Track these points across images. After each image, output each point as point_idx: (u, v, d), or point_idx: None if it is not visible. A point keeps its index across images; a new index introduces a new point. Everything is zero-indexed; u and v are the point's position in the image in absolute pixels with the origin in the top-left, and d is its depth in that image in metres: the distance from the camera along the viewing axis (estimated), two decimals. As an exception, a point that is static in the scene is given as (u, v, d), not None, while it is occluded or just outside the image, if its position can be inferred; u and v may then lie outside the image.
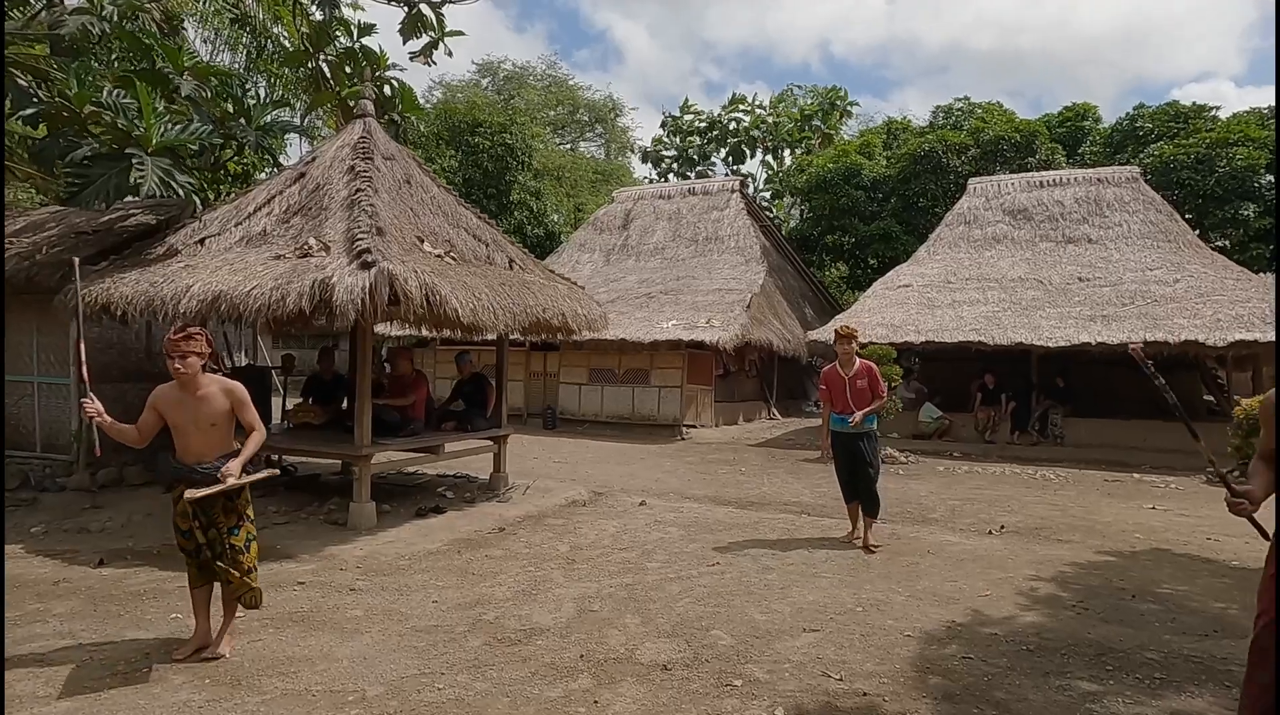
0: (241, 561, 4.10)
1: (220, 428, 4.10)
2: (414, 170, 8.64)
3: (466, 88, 39.18)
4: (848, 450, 6.81)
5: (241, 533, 4.13)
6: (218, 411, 4.06)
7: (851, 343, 6.85)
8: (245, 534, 4.15)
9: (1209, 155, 20.66)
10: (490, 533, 7.09)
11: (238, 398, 4.09)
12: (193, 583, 4.18)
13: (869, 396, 6.74)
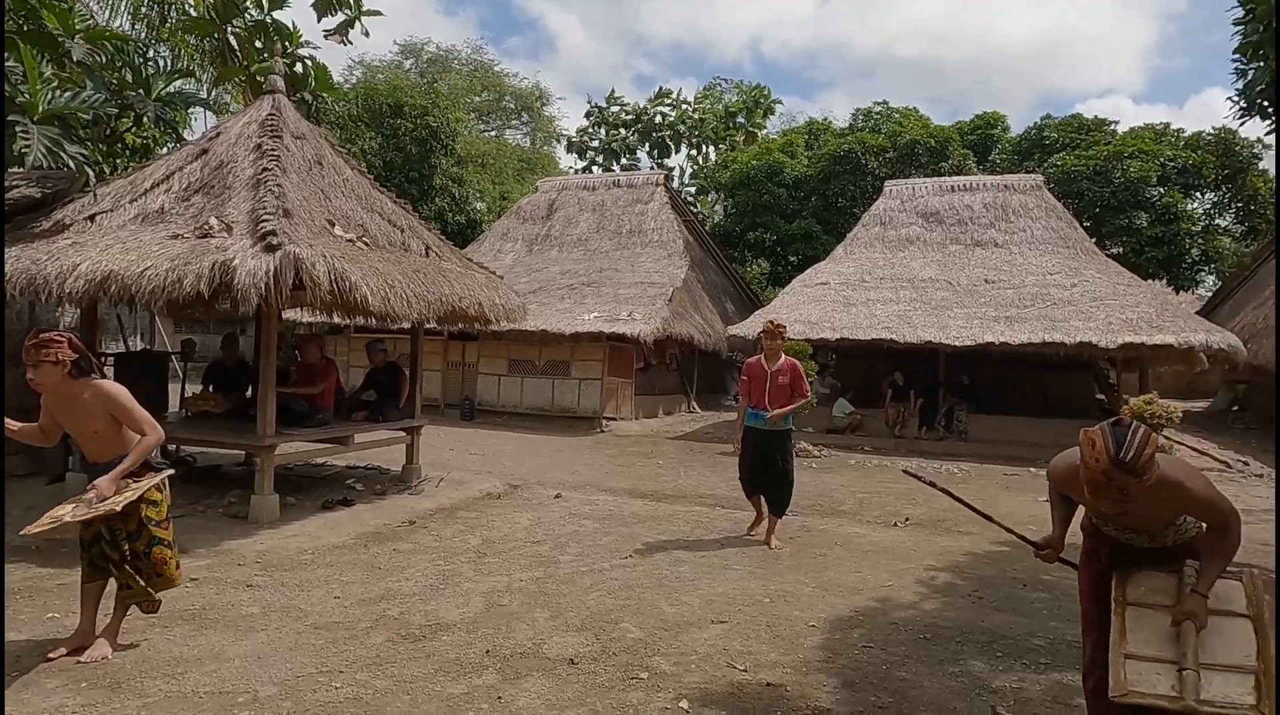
0: (142, 568, 3.88)
1: (104, 433, 3.85)
2: (326, 151, 8.33)
3: (388, 69, 38.08)
4: (760, 448, 6.70)
5: (143, 538, 3.90)
6: (95, 418, 3.81)
7: (778, 339, 6.76)
8: (148, 539, 3.91)
9: (1106, 167, 21.81)
10: (400, 526, 6.92)
11: (116, 405, 3.80)
12: (85, 578, 3.94)
13: (788, 394, 6.65)
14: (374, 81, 33.52)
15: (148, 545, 3.91)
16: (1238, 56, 7.48)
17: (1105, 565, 2.99)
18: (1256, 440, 15.86)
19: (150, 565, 3.90)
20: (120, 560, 3.85)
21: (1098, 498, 2.54)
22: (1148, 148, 22.29)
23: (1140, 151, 22.08)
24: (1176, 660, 2.60)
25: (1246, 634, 2.64)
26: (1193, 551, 2.87)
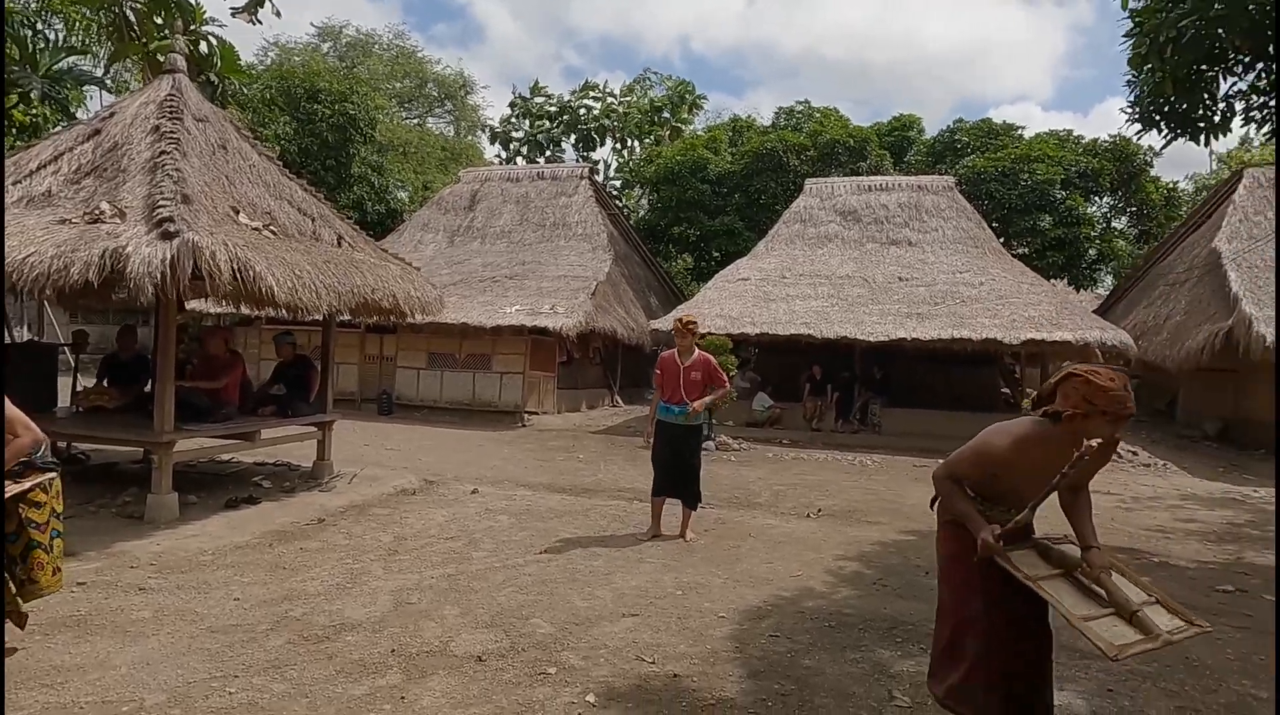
0: (15, 573, 3.65)
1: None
2: (232, 135, 8.00)
3: (305, 51, 36.83)
4: (671, 442, 6.69)
5: (21, 540, 3.67)
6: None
7: (689, 336, 6.75)
8: (26, 541, 3.69)
9: (1013, 170, 22.77)
10: (308, 524, 6.72)
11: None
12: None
13: (700, 388, 6.65)
14: (290, 64, 32.37)
15: (25, 549, 3.70)
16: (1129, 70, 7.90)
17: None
18: (1145, 431, 16.83)
19: (25, 569, 3.69)
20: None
21: (1116, 424, 2.72)
22: (1052, 153, 23.38)
23: (1045, 156, 23.13)
24: (1115, 610, 2.80)
25: (1120, 579, 2.93)
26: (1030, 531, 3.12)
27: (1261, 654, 4.44)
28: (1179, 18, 6.59)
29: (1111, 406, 2.70)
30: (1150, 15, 7.02)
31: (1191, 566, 6.50)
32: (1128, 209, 25.39)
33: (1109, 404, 2.69)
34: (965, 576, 3.08)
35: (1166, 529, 8.04)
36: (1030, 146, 24.09)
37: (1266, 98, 7.61)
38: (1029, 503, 2.98)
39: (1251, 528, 8.24)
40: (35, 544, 3.73)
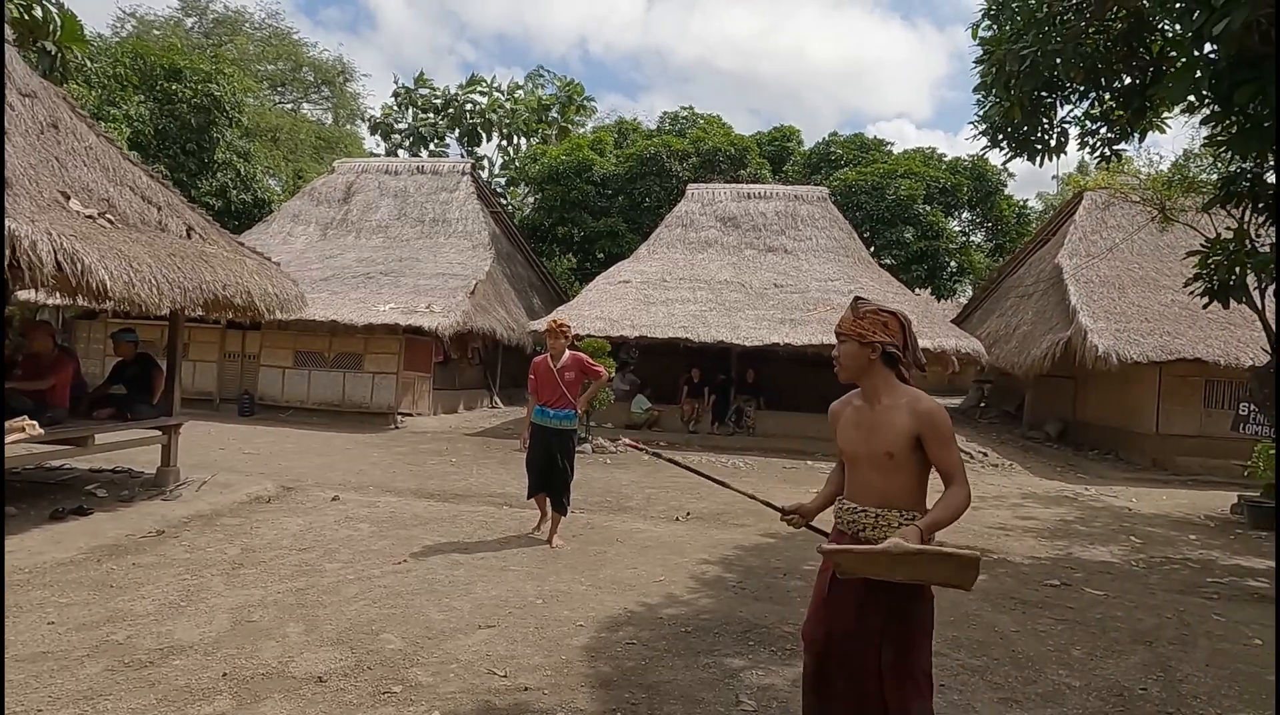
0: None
1: None
2: (65, 113, 7.36)
3: (167, 25, 34.38)
4: (545, 445, 6.72)
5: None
6: None
7: (561, 338, 6.75)
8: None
9: (882, 184, 23.90)
10: (145, 536, 6.24)
11: None
12: None
13: (576, 388, 6.75)
14: (149, 38, 30.14)
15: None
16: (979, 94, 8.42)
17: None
18: (996, 433, 18.04)
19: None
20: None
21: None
22: (917, 169, 24.70)
23: (911, 172, 24.42)
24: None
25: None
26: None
27: (1078, 646, 4.80)
28: (1022, 49, 7.07)
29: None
30: (998, 45, 7.50)
31: (1025, 562, 6.98)
32: (984, 224, 27.13)
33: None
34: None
35: (1007, 526, 8.61)
36: (898, 162, 25.38)
37: (1097, 125, 8.30)
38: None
39: (1080, 525, 8.94)
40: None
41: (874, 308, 2.78)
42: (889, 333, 2.73)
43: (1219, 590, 6.35)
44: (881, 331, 2.73)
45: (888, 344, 2.72)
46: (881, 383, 2.75)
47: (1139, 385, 14.49)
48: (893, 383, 2.74)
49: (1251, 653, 4.87)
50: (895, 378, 2.75)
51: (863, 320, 2.76)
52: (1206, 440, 13.83)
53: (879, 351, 2.72)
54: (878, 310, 2.77)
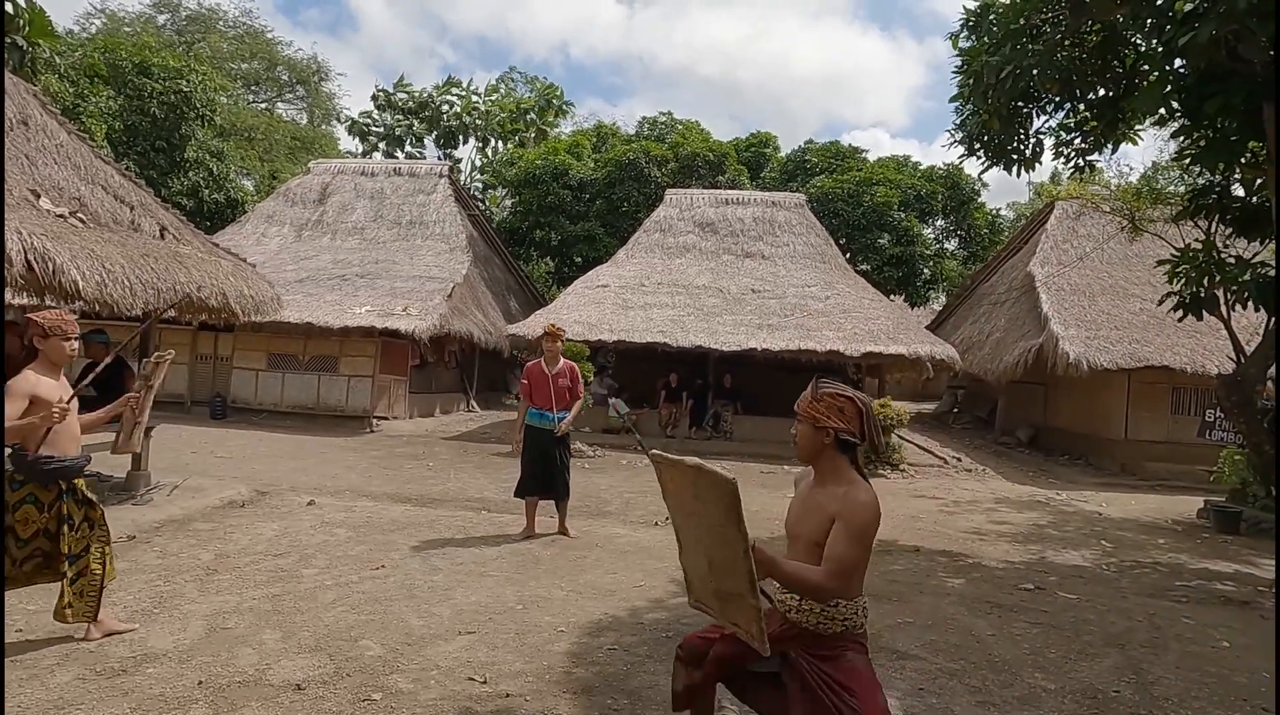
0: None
1: None
2: (35, 110, 7.23)
3: (138, 22, 33.87)
4: (542, 446, 6.96)
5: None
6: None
7: (557, 342, 7.11)
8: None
9: (858, 191, 24.12)
10: (116, 542, 6.08)
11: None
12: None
13: (567, 395, 7.05)
14: (120, 34, 29.66)
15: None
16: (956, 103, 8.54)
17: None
18: (969, 438, 18.25)
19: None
20: None
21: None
22: (892, 177, 24.96)
23: (886, 179, 24.66)
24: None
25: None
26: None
27: (1053, 649, 4.87)
28: (999, 61, 7.18)
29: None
30: (976, 55, 7.62)
31: (1000, 566, 7.07)
32: (958, 232, 27.46)
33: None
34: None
35: (981, 531, 8.71)
36: (873, 170, 25.63)
37: (1072, 135, 8.46)
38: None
39: (1052, 529, 9.06)
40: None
41: (832, 391, 2.64)
42: (844, 418, 2.59)
43: (1188, 594, 6.47)
44: (836, 417, 2.60)
45: (841, 431, 2.59)
46: (830, 468, 2.63)
47: (1108, 392, 14.74)
48: (842, 469, 2.62)
49: (1220, 655, 4.97)
50: (848, 463, 2.63)
51: (819, 403, 2.63)
52: (1174, 446, 14.09)
53: (832, 437, 2.60)
54: (835, 394, 2.63)
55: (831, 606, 2.56)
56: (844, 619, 2.58)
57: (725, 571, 2.43)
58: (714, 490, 2.40)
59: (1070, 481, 13.12)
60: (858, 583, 2.59)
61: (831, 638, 2.59)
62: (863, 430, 2.60)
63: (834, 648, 2.58)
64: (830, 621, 2.57)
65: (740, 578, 2.36)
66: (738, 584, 2.38)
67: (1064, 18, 6.99)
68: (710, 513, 2.44)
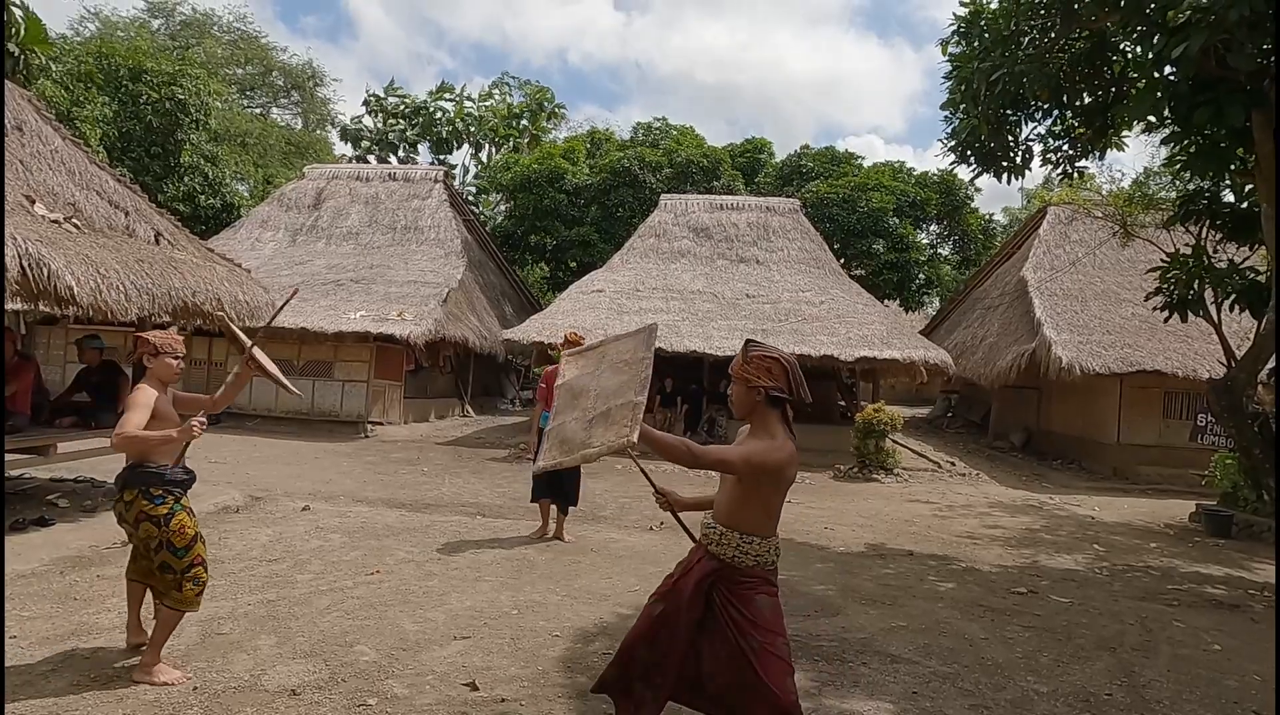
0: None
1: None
2: (29, 116, 7.24)
3: (131, 26, 33.81)
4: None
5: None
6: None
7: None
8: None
9: (852, 197, 24.19)
10: (109, 548, 6.11)
11: None
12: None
13: None
14: (113, 39, 29.61)
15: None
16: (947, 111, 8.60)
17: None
18: (963, 443, 18.31)
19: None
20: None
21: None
22: (887, 183, 25.05)
23: (881, 185, 24.75)
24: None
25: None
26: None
27: (1045, 652, 4.90)
28: (990, 67, 7.24)
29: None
30: (966, 63, 7.68)
31: (993, 571, 7.10)
32: (951, 237, 27.57)
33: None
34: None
35: (975, 535, 8.74)
36: (868, 175, 25.72)
37: (1060, 142, 8.52)
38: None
39: (1045, 533, 9.10)
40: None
41: (760, 352, 2.94)
42: (772, 377, 2.90)
43: (1179, 597, 6.51)
44: (765, 376, 2.90)
45: (770, 388, 2.89)
46: (761, 422, 2.93)
47: (1101, 396, 14.81)
48: (771, 423, 2.92)
49: (1211, 658, 5.00)
50: (778, 419, 2.93)
51: (749, 364, 2.94)
52: (1166, 450, 14.16)
53: (763, 394, 2.89)
54: (763, 356, 2.94)
55: (746, 541, 2.89)
56: (756, 555, 2.90)
57: (615, 393, 2.75)
58: (633, 336, 2.88)
59: (1063, 485, 13.17)
60: (769, 523, 2.94)
61: (745, 571, 2.90)
62: (789, 385, 2.92)
63: (747, 585, 2.90)
64: (744, 556, 2.89)
65: (631, 387, 2.71)
66: (625, 393, 2.70)
67: (1054, 25, 7.06)
68: (621, 357, 2.86)
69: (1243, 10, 4.82)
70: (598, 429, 2.71)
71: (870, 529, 8.62)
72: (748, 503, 2.92)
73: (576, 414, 2.87)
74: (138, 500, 3.82)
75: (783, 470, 2.86)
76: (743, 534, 2.89)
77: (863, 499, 10.70)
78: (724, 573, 2.92)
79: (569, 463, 2.75)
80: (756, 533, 2.91)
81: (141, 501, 3.81)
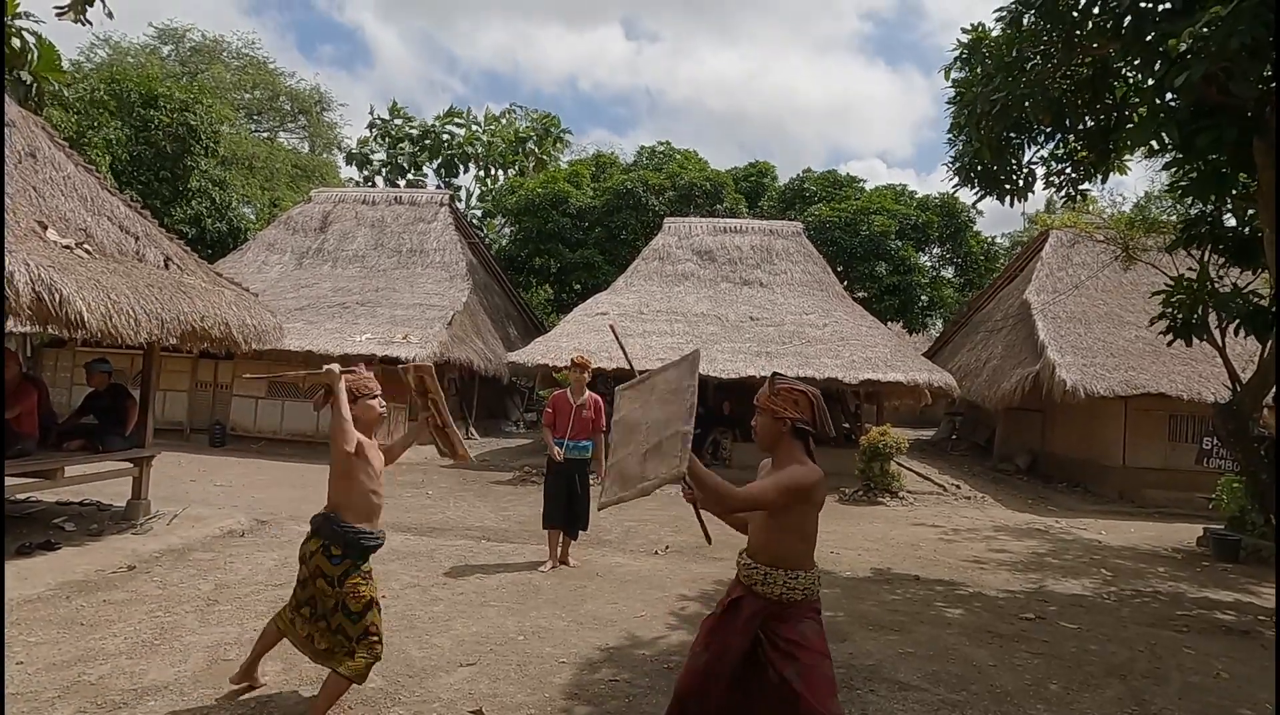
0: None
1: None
2: (43, 142, 7.34)
3: (142, 53, 34.26)
4: (565, 476, 7.09)
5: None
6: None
7: (585, 372, 7.25)
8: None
9: (855, 220, 24.31)
10: (116, 572, 6.12)
11: None
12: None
13: (589, 427, 7.20)
14: (123, 65, 29.99)
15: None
16: (950, 134, 8.68)
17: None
18: (968, 465, 18.24)
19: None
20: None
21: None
22: (889, 206, 25.18)
23: (883, 209, 24.87)
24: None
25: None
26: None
27: (1055, 680, 4.87)
28: (992, 92, 7.31)
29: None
30: (968, 87, 7.75)
31: (1001, 596, 7.06)
32: (954, 260, 27.65)
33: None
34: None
35: (981, 559, 8.70)
36: (870, 198, 25.86)
37: (1063, 164, 8.58)
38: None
39: (1052, 557, 9.05)
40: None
41: (787, 386, 3.00)
42: (798, 409, 2.95)
43: (1188, 623, 6.47)
44: (792, 408, 2.95)
45: (797, 420, 2.94)
46: (786, 453, 2.97)
47: (1106, 419, 14.77)
48: (796, 454, 2.95)
49: (1222, 686, 4.96)
50: (801, 449, 2.97)
51: (776, 397, 2.98)
52: (1171, 473, 14.09)
53: (788, 426, 2.94)
54: (790, 388, 2.99)
55: (792, 576, 2.88)
56: (804, 588, 2.90)
57: (665, 424, 2.77)
58: (677, 365, 2.93)
59: (1069, 509, 13.11)
60: (809, 557, 2.96)
61: (794, 606, 2.89)
62: (814, 418, 2.97)
63: (795, 615, 2.89)
64: (792, 591, 2.89)
65: (678, 416, 2.73)
66: (674, 424, 2.73)
67: (1056, 51, 7.13)
68: (669, 387, 2.90)
69: (1243, 39, 4.87)
70: (651, 462, 2.75)
71: (876, 553, 8.58)
72: (785, 535, 2.92)
73: (631, 448, 2.90)
74: (318, 554, 3.74)
75: (814, 491, 2.88)
76: (788, 571, 2.89)
77: (868, 522, 10.66)
78: (773, 610, 2.91)
79: (630, 497, 2.75)
80: (800, 567, 2.91)
81: (321, 556, 3.73)
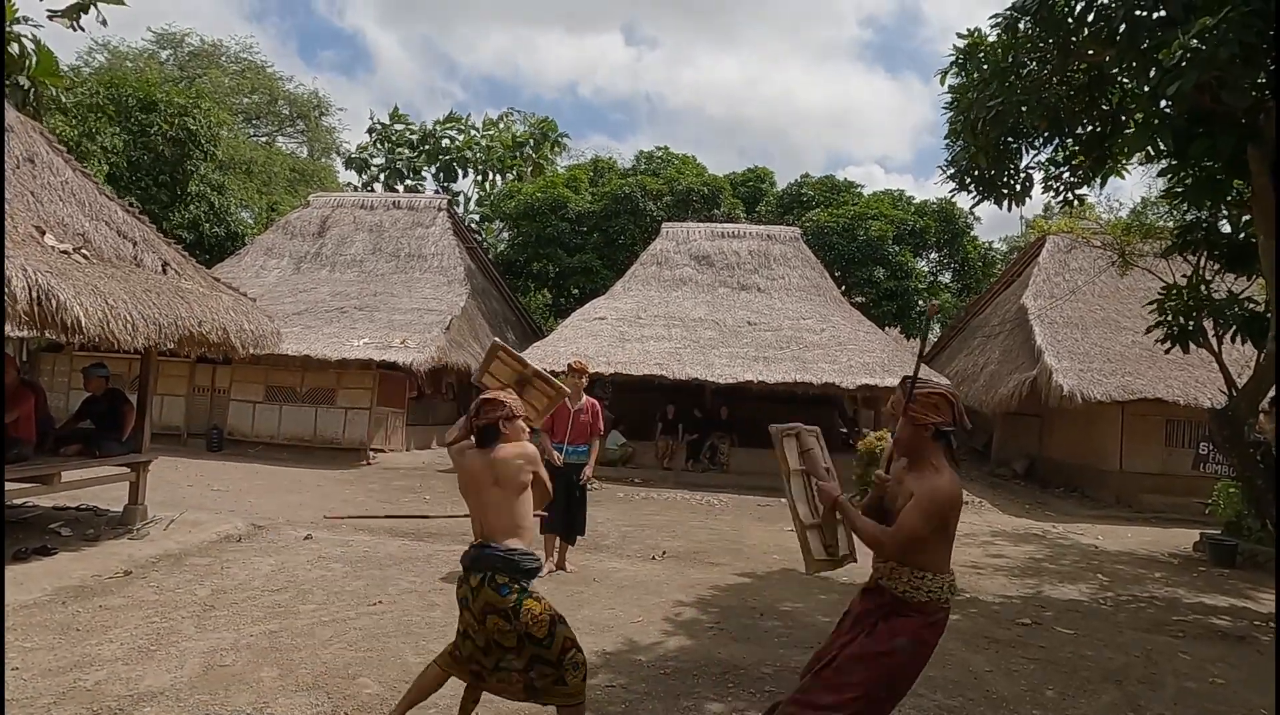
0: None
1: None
2: (41, 148, 7.35)
3: (139, 58, 34.27)
4: (564, 480, 6.97)
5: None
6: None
7: (583, 377, 7.30)
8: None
9: (852, 225, 24.34)
10: (112, 577, 6.12)
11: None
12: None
13: (587, 432, 7.22)
14: (121, 69, 30.00)
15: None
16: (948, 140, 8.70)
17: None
18: (964, 469, 18.19)
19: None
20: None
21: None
22: (887, 211, 25.21)
23: (880, 214, 24.90)
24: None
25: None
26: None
27: (1051, 685, 4.87)
28: (989, 97, 7.34)
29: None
30: (965, 93, 7.78)
31: (997, 601, 7.07)
32: (951, 265, 27.68)
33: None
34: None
35: (978, 564, 8.71)
36: (868, 204, 25.89)
37: (1060, 169, 8.62)
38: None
39: (1049, 562, 9.07)
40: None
41: (926, 390, 2.96)
42: (940, 413, 2.92)
43: (1184, 628, 6.48)
44: (934, 412, 2.92)
45: (942, 425, 2.91)
46: (926, 457, 2.93)
47: (1102, 424, 14.80)
48: (938, 456, 2.92)
49: (1217, 691, 4.97)
50: (942, 451, 2.93)
51: (917, 404, 2.94)
52: (1168, 478, 14.11)
53: (932, 430, 2.91)
54: (929, 392, 2.96)
55: (919, 576, 2.88)
56: (929, 590, 2.88)
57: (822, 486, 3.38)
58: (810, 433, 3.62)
59: (1066, 514, 13.12)
60: (943, 559, 2.92)
61: (916, 606, 2.89)
62: (954, 417, 2.94)
63: (907, 620, 2.89)
64: (916, 591, 2.88)
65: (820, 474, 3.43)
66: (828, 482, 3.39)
67: (1051, 58, 7.16)
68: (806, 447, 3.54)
69: (1232, 49, 4.90)
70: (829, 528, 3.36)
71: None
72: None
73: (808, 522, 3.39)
74: (483, 590, 3.41)
75: (956, 505, 2.89)
76: (913, 569, 2.88)
77: (865, 528, 10.66)
78: (892, 606, 2.92)
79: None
80: (929, 568, 2.89)
81: (487, 591, 3.40)
